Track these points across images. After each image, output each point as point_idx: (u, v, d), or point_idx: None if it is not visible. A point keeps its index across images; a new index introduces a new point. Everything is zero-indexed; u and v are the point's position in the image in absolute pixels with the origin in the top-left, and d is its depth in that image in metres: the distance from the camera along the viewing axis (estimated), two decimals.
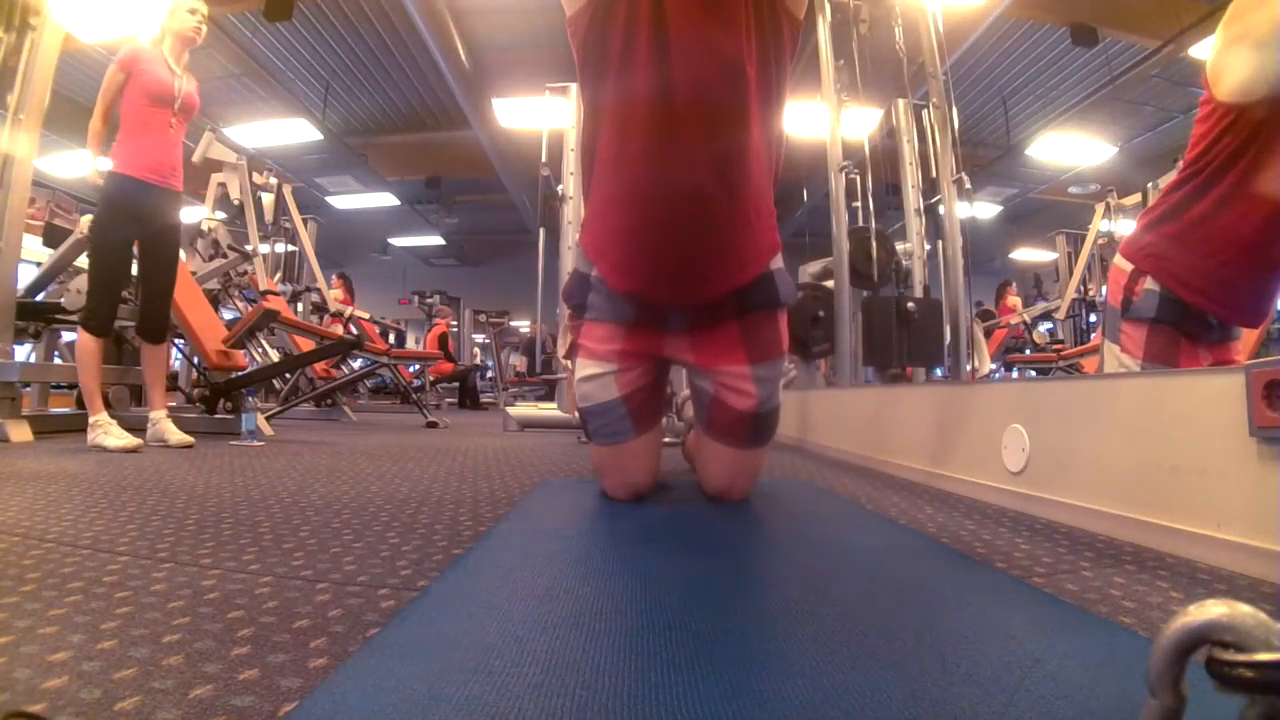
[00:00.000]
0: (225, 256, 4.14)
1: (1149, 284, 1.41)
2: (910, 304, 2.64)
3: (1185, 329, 1.40)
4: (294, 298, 5.64)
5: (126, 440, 2.07)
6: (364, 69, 6.63)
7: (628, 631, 0.61)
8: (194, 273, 3.77)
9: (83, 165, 2.33)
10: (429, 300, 9.34)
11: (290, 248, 5.87)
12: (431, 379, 6.99)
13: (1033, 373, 5.67)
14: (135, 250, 2.37)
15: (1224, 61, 1.22)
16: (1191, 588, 0.81)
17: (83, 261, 3.35)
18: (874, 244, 2.89)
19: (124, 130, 2.26)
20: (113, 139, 2.30)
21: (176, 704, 0.46)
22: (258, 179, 4.89)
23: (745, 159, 1.14)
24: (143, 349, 2.41)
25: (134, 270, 2.45)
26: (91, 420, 2.15)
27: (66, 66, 4.64)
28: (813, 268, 3.79)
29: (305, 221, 5.78)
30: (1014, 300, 6.60)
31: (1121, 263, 1.48)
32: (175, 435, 2.34)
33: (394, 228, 10.86)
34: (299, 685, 0.50)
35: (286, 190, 5.41)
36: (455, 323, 9.48)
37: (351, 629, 0.62)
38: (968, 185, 2.77)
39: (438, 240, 11.34)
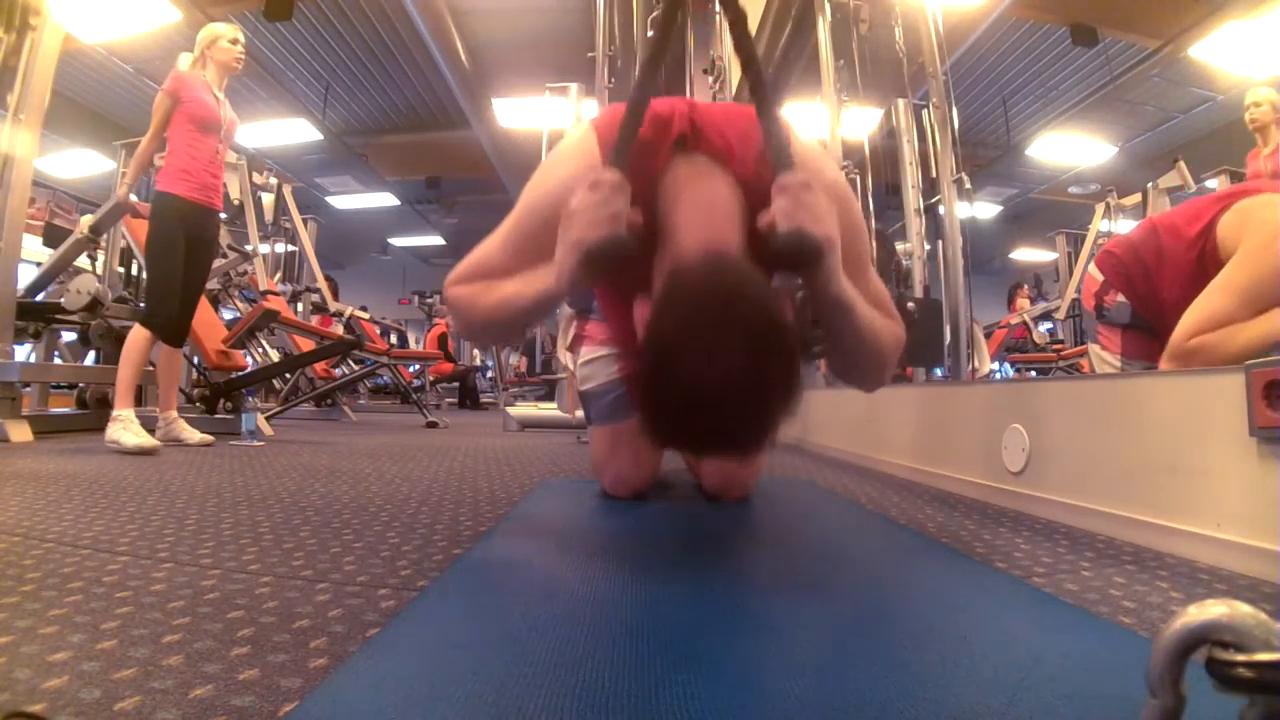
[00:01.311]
0: (225, 256, 4.13)
1: (1120, 297, 1.47)
2: (910, 304, 2.64)
3: (1158, 334, 1.44)
4: (294, 298, 5.64)
5: (144, 440, 2.08)
6: (364, 69, 6.62)
7: (628, 631, 0.61)
8: None
9: (118, 185, 2.55)
10: (429, 300, 9.34)
11: (290, 248, 5.86)
12: (431, 379, 6.99)
13: (1033, 373, 5.66)
14: None
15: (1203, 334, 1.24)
16: (1191, 588, 0.80)
17: (83, 261, 3.36)
18: (874, 244, 2.89)
19: (172, 154, 2.37)
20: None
21: (176, 704, 0.46)
22: (258, 179, 4.88)
23: None
24: (160, 350, 2.43)
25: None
26: (115, 413, 2.16)
27: (66, 66, 4.65)
28: None
29: (305, 221, 5.77)
30: (1024, 303, 6.59)
31: (1094, 271, 1.56)
32: (193, 435, 2.41)
33: (394, 228, 10.85)
34: (299, 685, 0.50)
35: (286, 190, 5.41)
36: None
37: (351, 629, 0.62)
38: (968, 185, 2.76)
39: (438, 240, 11.33)
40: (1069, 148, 6.91)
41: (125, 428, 2.10)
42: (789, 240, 0.77)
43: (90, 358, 3.38)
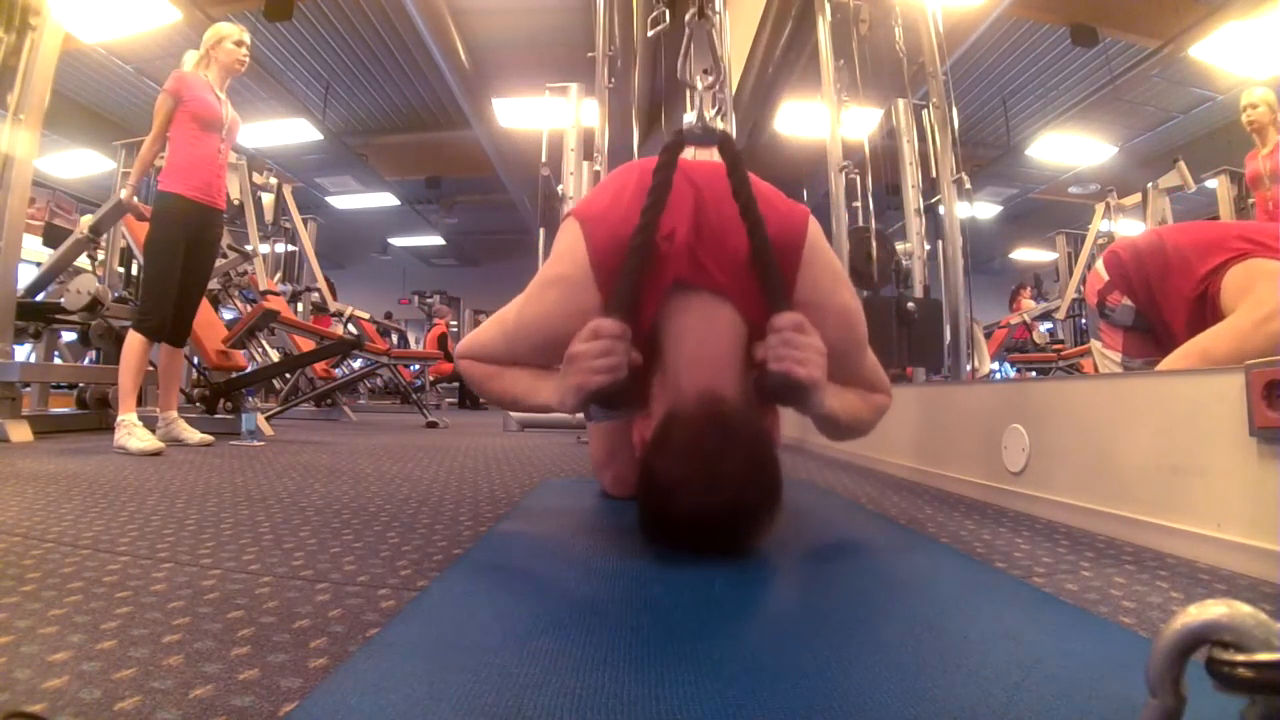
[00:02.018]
0: (225, 256, 4.13)
1: (1125, 300, 1.46)
2: (910, 304, 2.64)
3: (1159, 337, 1.45)
4: (294, 298, 5.64)
5: (149, 443, 2.08)
6: (364, 69, 6.62)
7: (627, 631, 0.61)
8: None
9: (122, 187, 2.59)
10: (429, 300, 9.35)
11: (290, 248, 5.86)
12: (431, 379, 6.99)
13: (1033, 373, 5.66)
14: None
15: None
16: (1191, 588, 0.81)
17: (83, 261, 3.35)
18: (874, 244, 2.89)
19: (173, 153, 2.37)
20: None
21: (176, 704, 0.46)
22: (258, 179, 4.88)
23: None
24: (161, 350, 2.44)
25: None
26: (120, 419, 2.17)
27: (66, 66, 4.65)
28: None
29: (305, 221, 5.77)
30: (1027, 304, 6.58)
31: (1100, 269, 1.56)
32: (193, 435, 2.42)
33: (394, 228, 10.85)
34: (299, 685, 0.50)
35: (286, 190, 5.41)
36: (455, 323, 9.47)
37: (351, 629, 0.62)
38: (968, 185, 2.76)
39: (438, 240, 11.33)
40: (1069, 148, 6.91)
41: (130, 433, 2.11)
42: (777, 381, 0.86)
43: (90, 358, 3.38)
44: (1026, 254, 9.69)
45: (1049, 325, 6.11)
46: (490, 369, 1.04)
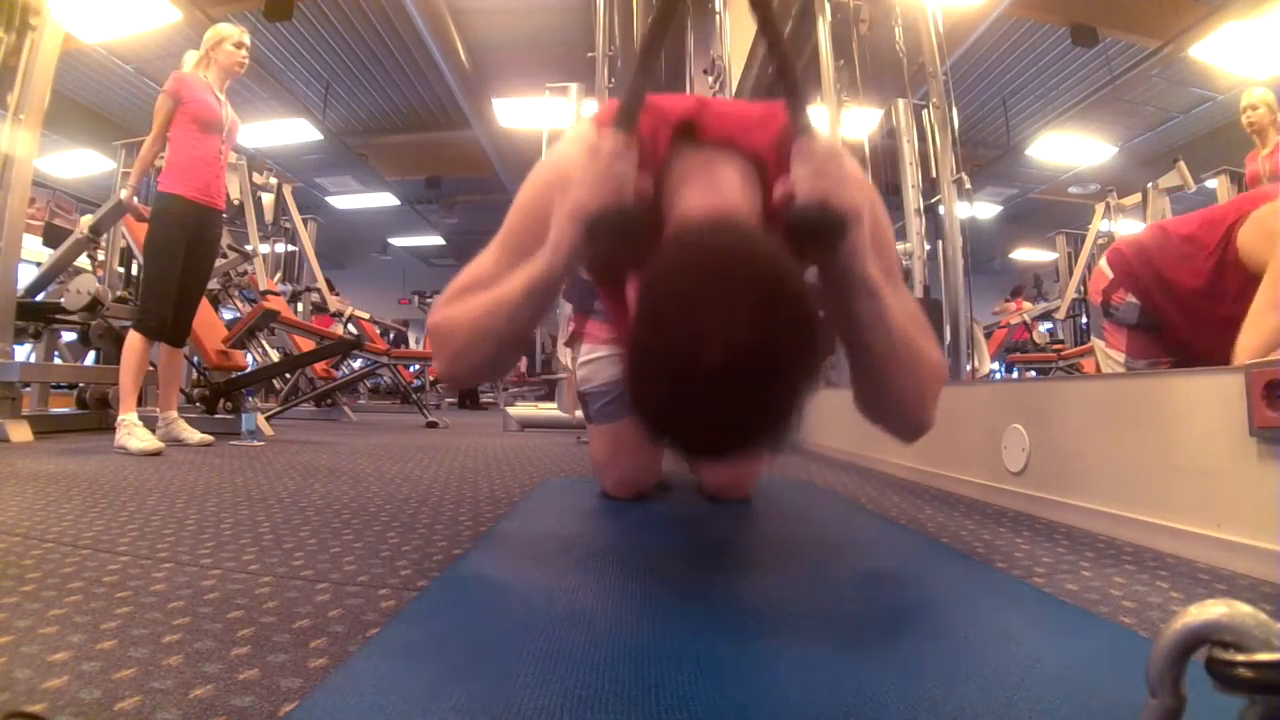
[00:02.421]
0: (225, 256, 4.13)
1: (1130, 298, 1.46)
2: None
3: (1165, 335, 1.45)
4: (294, 298, 5.63)
5: (149, 443, 2.08)
6: (364, 69, 6.62)
7: (627, 631, 0.61)
8: None
9: (122, 187, 2.65)
10: (429, 300, 9.35)
11: (290, 248, 5.86)
12: (431, 379, 6.99)
13: (1033, 373, 5.66)
14: None
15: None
16: (1191, 588, 0.81)
17: (83, 261, 3.35)
18: None
19: (173, 154, 2.38)
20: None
21: (176, 704, 0.46)
22: (258, 179, 4.88)
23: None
24: (161, 350, 2.44)
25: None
26: (120, 418, 2.17)
27: (66, 66, 4.65)
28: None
29: (305, 221, 5.77)
30: (1026, 306, 6.60)
31: (1105, 267, 1.56)
32: (193, 435, 2.42)
33: (394, 228, 10.85)
34: (299, 685, 0.50)
35: (286, 190, 5.40)
36: None
37: (351, 629, 0.62)
38: (968, 185, 2.76)
39: (438, 240, 11.33)
40: (1069, 148, 6.91)
41: (130, 433, 2.11)
42: (811, 212, 0.65)
43: (90, 358, 3.38)
44: (1026, 254, 9.68)
45: (1049, 325, 6.11)
46: (465, 301, 0.81)
